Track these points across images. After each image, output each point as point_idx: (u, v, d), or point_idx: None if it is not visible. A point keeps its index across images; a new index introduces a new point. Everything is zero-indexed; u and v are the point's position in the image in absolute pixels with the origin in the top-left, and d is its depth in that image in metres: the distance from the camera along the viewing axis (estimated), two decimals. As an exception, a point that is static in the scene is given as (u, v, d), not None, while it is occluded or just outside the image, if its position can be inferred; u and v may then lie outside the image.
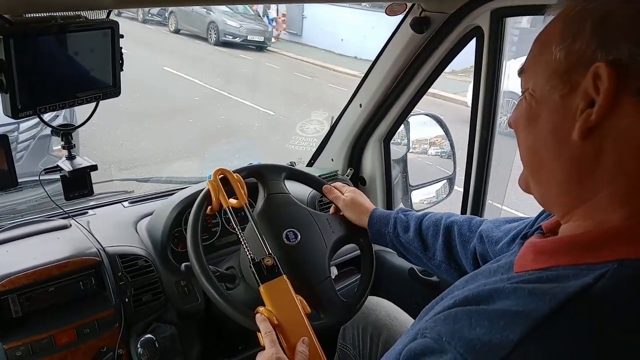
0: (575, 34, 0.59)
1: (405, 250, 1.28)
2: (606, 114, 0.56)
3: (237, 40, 12.52)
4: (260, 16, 13.80)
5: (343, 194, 1.39)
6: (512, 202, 1.43)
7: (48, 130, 1.31)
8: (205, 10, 12.41)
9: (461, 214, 1.72)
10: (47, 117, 1.09)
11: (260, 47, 13.08)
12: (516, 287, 0.58)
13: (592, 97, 0.57)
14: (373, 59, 1.75)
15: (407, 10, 1.52)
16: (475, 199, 1.66)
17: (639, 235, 0.56)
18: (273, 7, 14.00)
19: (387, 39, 1.66)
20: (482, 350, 0.53)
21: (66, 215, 1.52)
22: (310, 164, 2.10)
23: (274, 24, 14.09)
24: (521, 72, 0.69)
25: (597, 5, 0.58)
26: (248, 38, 12.67)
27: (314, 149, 2.11)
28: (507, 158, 1.69)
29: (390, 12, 1.49)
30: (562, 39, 0.60)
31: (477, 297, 0.60)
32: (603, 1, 0.58)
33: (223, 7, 12.76)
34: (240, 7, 13.15)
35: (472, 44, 1.51)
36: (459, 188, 1.85)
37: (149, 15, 14.06)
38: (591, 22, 0.57)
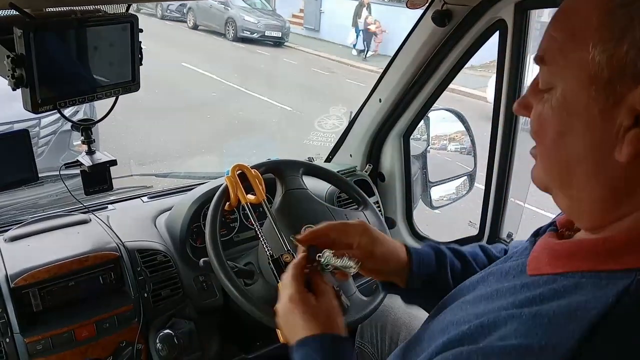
0: (622, 35, 0.49)
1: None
2: None
3: (255, 35, 12.55)
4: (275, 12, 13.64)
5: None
6: (535, 200, 1.40)
7: (69, 126, 1.31)
8: (223, 6, 12.46)
9: (482, 211, 1.69)
10: (67, 112, 1.09)
11: (277, 42, 13.09)
12: (534, 314, 0.52)
13: (639, 115, 0.49)
14: (391, 53, 1.73)
15: (428, 3, 1.49)
16: (497, 197, 1.62)
17: None
18: (366, 17, 12.45)
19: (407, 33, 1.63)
20: None
21: (86, 210, 1.53)
22: (328, 160, 2.09)
23: (373, 38, 12.59)
24: (541, 62, 0.59)
25: None
26: (265, 34, 12.70)
27: (332, 145, 2.10)
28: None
29: (411, 5, 1.46)
30: (602, 37, 0.51)
31: (491, 328, 0.54)
32: None
33: (241, 3, 12.79)
34: (257, 3, 13.16)
35: (494, 38, 1.48)
36: (479, 185, 1.82)
37: (168, 11, 14.16)
38: None
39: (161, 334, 1.32)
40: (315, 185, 1.55)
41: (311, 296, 0.82)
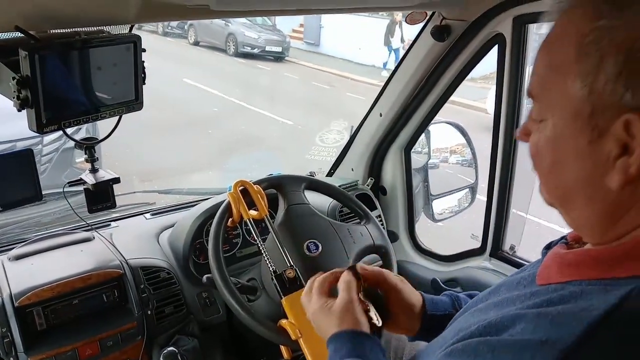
0: (597, 68, 0.51)
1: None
2: None
3: (256, 51, 12.63)
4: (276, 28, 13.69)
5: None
6: (537, 211, 1.40)
7: (71, 143, 1.33)
8: (224, 22, 12.56)
9: (484, 223, 1.69)
10: (70, 131, 1.10)
11: (278, 57, 13.17)
12: (539, 313, 0.54)
13: (626, 142, 0.51)
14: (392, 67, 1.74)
15: (427, 18, 1.51)
16: (499, 209, 1.63)
17: None
18: (396, 36, 11.98)
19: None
20: None
21: (89, 227, 1.54)
22: (330, 174, 2.09)
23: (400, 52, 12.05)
24: (530, 96, 0.62)
25: (619, 29, 0.50)
26: (266, 49, 12.78)
27: (333, 159, 2.11)
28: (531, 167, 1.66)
29: (410, 21, 1.48)
30: (580, 71, 0.52)
31: (499, 325, 0.57)
32: (628, 22, 0.49)
33: (242, 19, 12.88)
34: (258, 19, 13.26)
35: (493, 51, 1.49)
36: (481, 197, 1.82)
37: (169, 28, 14.28)
38: (615, 55, 0.50)
39: (165, 351, 1.31)
40: (318, 200, 1.55)
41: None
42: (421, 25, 1.54)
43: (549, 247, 0.73)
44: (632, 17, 0.49)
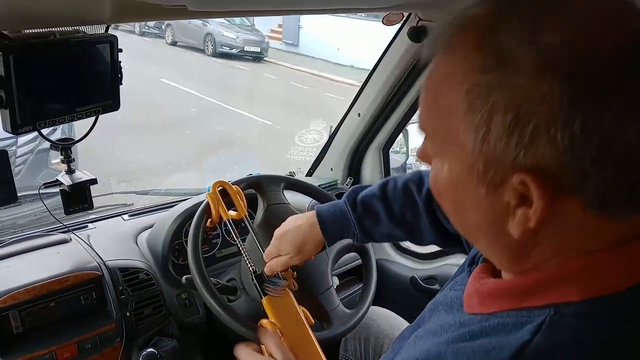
0: (487, 124, 0.47)
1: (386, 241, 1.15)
2: (546, 217, 0.48)
3: (234, 51, 12.57)
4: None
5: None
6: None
7: (46, 144, 1.31)
8: (202, 22, 12.46)
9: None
10: (45, 131, 1.09)
11: (257, 57, 13.13)
12: (458, 350, 0.54)
13: (524, 193, 0.48)
14: (369, 67, 1.76)
15: (404, 20, 1.53)
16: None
17: (574, 276, 0.51)
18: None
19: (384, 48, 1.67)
20: None
21: (66, 229, 1.52)
22: (309, 174, 2.10)
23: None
24: (422, 131, 0.59)
25: (505, 88, 0.46)
26: (245, 49, 12.72)
27: (312, 159, 2.12)
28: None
29: (387, 22, 1.50)
30: (471, 124, 0.49)
31: None
32: (515, 82, 0.45)
33: (220, 19, 12.81)
34: (236, 19, 13.20)
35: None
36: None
37: (146, 27, 14.11)
38: (503, 114, 0.46)
39: (144, 352, 1.31)
40: (297, 200, 1.56)
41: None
42: (398, 26, 1.56)
43: (472, 262, 0.73)
44: (520, 78, 0.45)
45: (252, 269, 1.13)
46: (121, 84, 1.10)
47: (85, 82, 1.05)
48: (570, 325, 0.50)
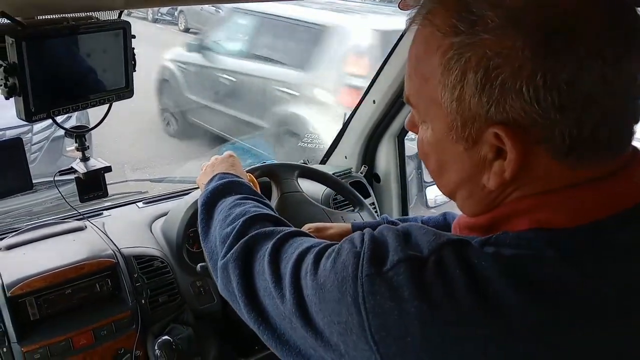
0: (461, 83, 0.53)
1: None
2: (520, 167, 0.54)
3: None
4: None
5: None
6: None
7: (61, 132, 1.30)
8: (215, 9, 12.43)
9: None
10: (60, 119, 1.08)
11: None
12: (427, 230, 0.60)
13: (499, 147, 0.54)
14: None
15: (420, 3, 1.49)
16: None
17: (526, 211, 0.56)
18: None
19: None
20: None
21: (81, 216, 1.52)
22: (323, 162, 2.09)
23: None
24: (408, 102, 0.66)
25: (475, 47, 0.52)
26: (258, 35, 12.69)
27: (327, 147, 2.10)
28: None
29: (403, 6, 1.46)
30: (446, 84, 0.55)
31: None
32: (484, 40, 0.51)
33: (231, 4, 12.75)
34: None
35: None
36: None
37: (159, 14, 14.10)
38: (474, 72, 0.52)
39: (159, 340, 1.31)
40: (311, 188, 1.55)
41: None
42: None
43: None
44: (487, 36, 0.51)
45: (267, 257, 1.12)
46: (135, 70, 1.09)
47: (99, 68, 1.04)
48: (510, 242, 0.54)
